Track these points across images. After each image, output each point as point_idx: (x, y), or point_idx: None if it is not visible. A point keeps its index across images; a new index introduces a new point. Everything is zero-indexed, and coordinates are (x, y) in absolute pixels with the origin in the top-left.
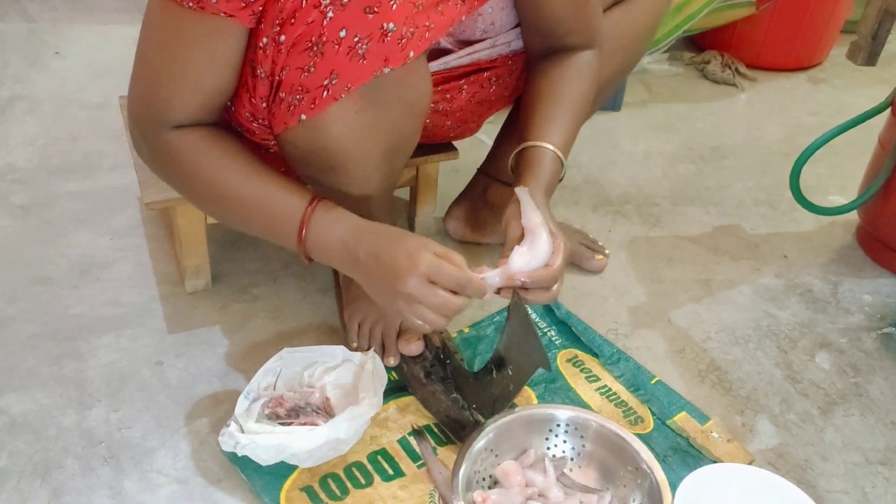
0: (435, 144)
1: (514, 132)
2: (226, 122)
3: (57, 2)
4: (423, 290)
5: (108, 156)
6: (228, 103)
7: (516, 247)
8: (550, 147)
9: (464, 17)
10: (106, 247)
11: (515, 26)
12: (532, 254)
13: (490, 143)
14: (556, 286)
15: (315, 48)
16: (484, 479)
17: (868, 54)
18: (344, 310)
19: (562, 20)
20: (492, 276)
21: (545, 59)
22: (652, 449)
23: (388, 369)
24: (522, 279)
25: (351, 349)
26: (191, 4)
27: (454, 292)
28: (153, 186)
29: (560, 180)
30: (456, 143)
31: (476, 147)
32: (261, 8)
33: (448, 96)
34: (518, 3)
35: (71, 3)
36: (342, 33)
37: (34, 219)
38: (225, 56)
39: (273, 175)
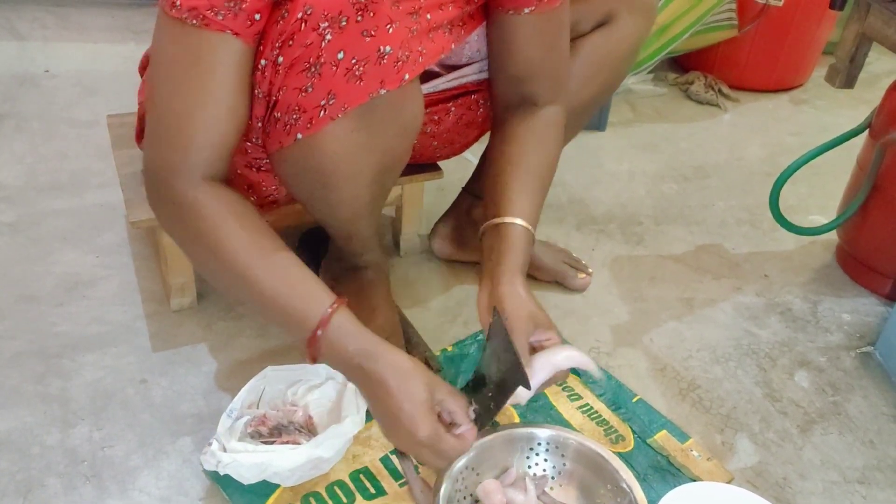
0: (421, 164)
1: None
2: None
3: (48, 20)
4: (416, 451)
5: (96, 174)
6: None
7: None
8: (523, 223)
9: (453, 46)
10: (92, 265)
11: None
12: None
13: (475, 161)
14: None
15: (313, 69)
16: (465, 498)
17: (846, 77)
18: None
19: (530, 61)
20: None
21: (512, 117)
22: (632, 467)
23: None
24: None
25: None
26: (194, 22)
27: None
28: (139, 206)
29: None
30: (441, 162)
31: (461, 166)
32: (261, 29)
33: (436, 118)
34: (490, 42)
35: (61, 22)
36: (340, 55)
37: (21, 237)
38: (237, 75)
39: (296, 266)
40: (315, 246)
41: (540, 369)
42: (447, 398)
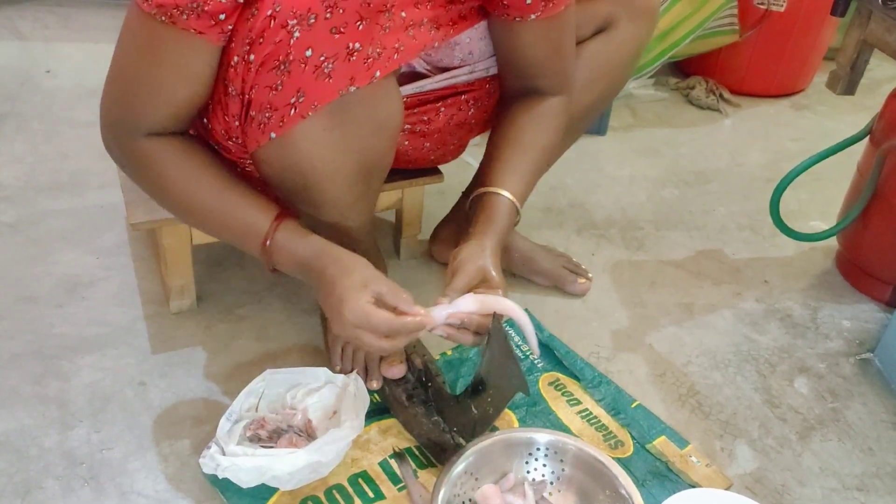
0: (420, 168)
1: None
2: (200, 136)
3: (49, 20)
4: (353, 334)
5: (97, 174)
6: (205, 121)
7: (472, 294)
8: (508, 195)
9: (437, 44)
10: (92, 266)
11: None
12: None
13: (476, 165)
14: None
15: (282, 67)
16: (464, 503)
17: (847, 84)
18: (328, 332)
19: (537, 62)
20: (439, 311)
21: (515, 102)
22: (631, 473)
23: (371, 392)
24: (462, 319)
25: (334, 371)
26: (163, 18)
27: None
28: (139, 207)
29: (514, 225)
30: (442, 166)
31: (462, 169)
32: (230, 27)
33: (425, 118)
34: (496, 42)
35: (63, 22)
36: (308, 52)
37: (21, 237)
38: (195, 70)
39: (241, 188)
40: None
41: (464, 301)
42: (384, 289)
